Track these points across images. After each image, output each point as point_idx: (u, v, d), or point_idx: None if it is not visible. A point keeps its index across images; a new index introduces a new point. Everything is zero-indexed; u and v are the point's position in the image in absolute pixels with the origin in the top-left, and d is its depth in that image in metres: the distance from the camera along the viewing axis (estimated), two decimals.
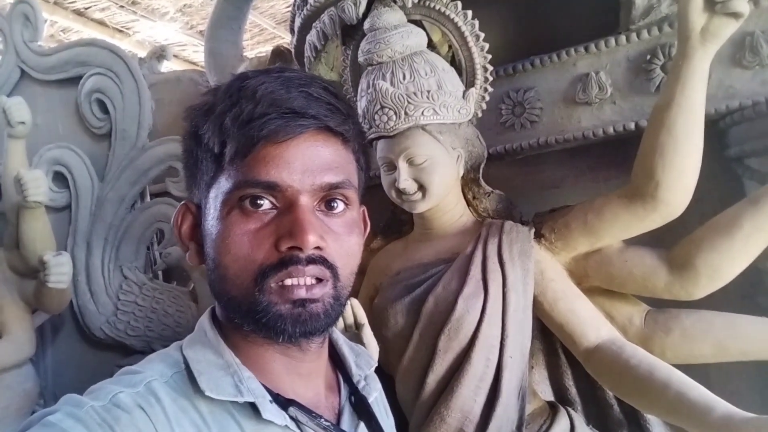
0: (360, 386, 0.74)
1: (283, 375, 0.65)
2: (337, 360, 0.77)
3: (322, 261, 0.60)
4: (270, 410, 0.59)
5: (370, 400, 0.73)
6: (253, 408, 0.60)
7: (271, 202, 0.60)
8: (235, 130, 0.59)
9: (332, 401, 0.70)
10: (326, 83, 0.63)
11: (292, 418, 0.61)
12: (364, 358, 0.80)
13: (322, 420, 0.63)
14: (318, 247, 0.59)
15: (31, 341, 2.01)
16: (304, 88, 0.60)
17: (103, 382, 0.59)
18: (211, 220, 0.62)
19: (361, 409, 0.71)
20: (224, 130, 0.59)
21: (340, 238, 0.62)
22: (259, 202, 0.59)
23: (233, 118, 0.59)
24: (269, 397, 0.61)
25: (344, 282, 0.63)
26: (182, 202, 0.68)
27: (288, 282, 0.58)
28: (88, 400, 0.54)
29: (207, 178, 0.62)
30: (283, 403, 0.61)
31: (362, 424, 0.69)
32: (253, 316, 0.59)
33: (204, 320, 0.68)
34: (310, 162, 0.60)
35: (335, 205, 0.63)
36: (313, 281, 0.59)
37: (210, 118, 0.60)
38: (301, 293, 0.59)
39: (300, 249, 0.57)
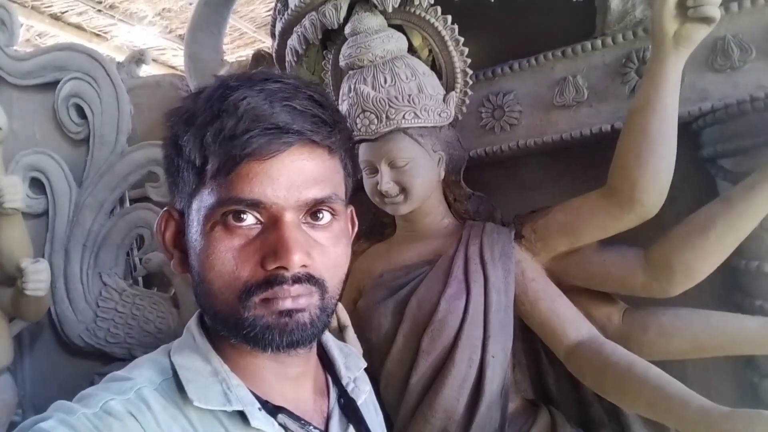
0: (349, 389, 0.74)
1: (272, 381, 0.65)
2: (326, 361, 0.77)
3: (308, 278, 0.59)
4: (258, 418, 0.59)
5: (359, 402, 0.73)
6: (242, 416, 0.60)
7: (256, 218, 0.59)
8: (217, 147, 0.57)
9: (321, 405, 0.70)
10: (311, 91, 0.61)
11: (281, 425, 0.61)
12: (354, 359, 0.80)
13: (311, 427, 0.63)
14: (304, 265, 0.58)
15: (8, 350, 1.97)
16: (288, 101, 0.59)
17: (92, 388, 0.58)
18: (195, 234, 0.61)
19: (350, 412, 0.71)
20: (205, 146, 0.57)
21: (327, 251, 0.61)
22: (243, 217, 0.58)
23: (215, 134, 0.57)
24: (258, 405, 0.61)
25: (332, 292, 0.63)
26: (165, 209, 0.67)
27: (263, 298, 0.58)
28: (80, 407, 0.54)
29: (189, 188, 0.61)
30: (272, 410, 0.62)
31: (351, 428, 0.69)
32: (240, 331, 0.59)
33: (192, 325, 0.67)
34: (295, 177, 0.59)
35: (321, 216, 0.62)
36: (293, 297, 0.59)
37: (191, 129, 0.59)
38: (287, 304, 0.58)
39: (285, 268, 0.57)
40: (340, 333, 1.10)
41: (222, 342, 0.64)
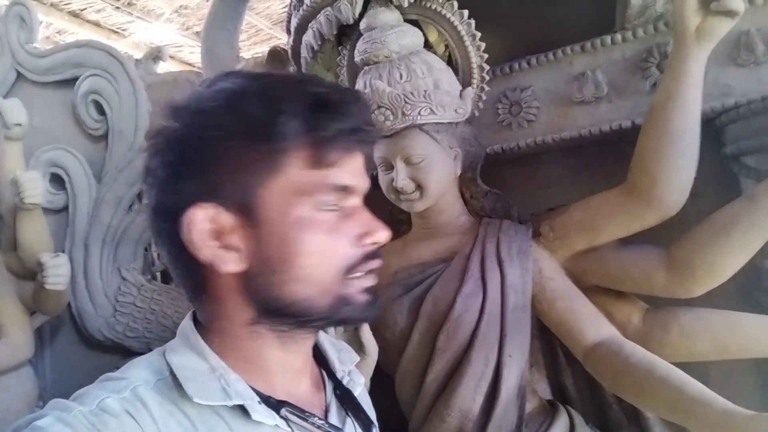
0: (345, 381, 0.76)
1: (277, 374, 0.66)
2: (319, 358, 0.78)
3: (381, 254, 0.67)
4: (259, 411, 0.60)
5: (356, 393, 0.75)
6: (242, 410, 0.60)
7: (339, 205, 0.63)
8: (331, 138, 0.59)
9: (319, 399, 0.72)
10: None
11: (283, 418, 0.62)
12: (347, 353, 0.82)
13: (316, 419, 0.64)
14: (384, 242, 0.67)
15: (29, 343, 2.00)
16: (365, 101, 0.69)
17: (88, 387, 0.59)
18: (280, 223, 0.59)
19: (347, 401, 0.73)
20: (312, 136, 0.59)
21: None
22: (333, 203, 0.62)
23: (327, 125, 0.59)
24: (257, 399, 0.61)
25: None
26: (205, 204, 0.59)
27: (361, 275, 0.64)
28: (76, 405, 0.54)
29: (257, 179, 0.59)
30: (275, 405, 0.62)
31: (349, 418, 0.72)
32: (336, 311, 0.62)
33: (185, 326, 0.68)
34: (363, 167, 0.67)
35: None
36: (374, 270, 0.66)
37: (282, 118, 0.58)
38: (368, 282, 0.65)
39: (377, 243, 0.65)
40: (355, 331, 1.09)
41: (225, 339, 0.65)
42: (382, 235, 0.65)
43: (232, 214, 0.59)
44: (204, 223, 0.59)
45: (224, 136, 0.59)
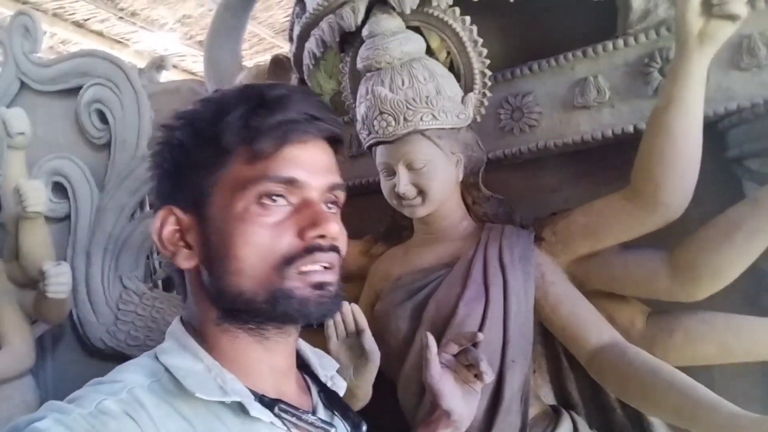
0: (329, 384, 0.78)
1: (266, 374, 0.67)
2: (301, 365, 0.79)
3: (336, 250, 0.66)
4: (257, 408, 0.61)
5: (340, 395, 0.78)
6: (238, 408, 0.61)
7: (286, 199, 0.63)
8: (264, 131, 0.62)
9: (305, 400, 0.73)
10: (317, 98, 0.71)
11: (276, 415, 0.63)
12: (327, 360, 0.83)
13: (309, 415, 0.66)
14: (334, 237, 0.65)
15: (31, 352, 2.00)
16: (315, 98, 0.68)
17: (82, 390, 0.59)
18: (222, 218, 0.63)
19: (334, 402, 0.75)
20: (247, 131, 0.62)
21: (342, 233, 0.68)
22: (275, 198, 0.62)
23: (261, 119, 0.62)
24: (253, 397, 0.62)
25: (341, 272, 0.69)
26: (163, 208, 0.66)
27: (307, 268, 0.63)
28: (74, 408, 0.54)
29: (207, 180, 0.64)
30: (269, 403, 0.63)
31: (336, 418, 0.73)
32: (272, 305, 0.62)
33: (175, 329, 0.68)
34: (321, 163, 0.66)
35: (331, 206, 0.69)
36: (326, 265, 0.64)
37: (225, 121, 0.63)
38: (318, 277, 0.64)
39: (323, 237, 0.63)
40: (357, 337, 1.09)
41: (216, 339, 0.66)
42: (328, 228, 0.63)
43: (189, 214, 0.65)
44: (169, 224, 0.66)
45: (179, 144, 0.65)
